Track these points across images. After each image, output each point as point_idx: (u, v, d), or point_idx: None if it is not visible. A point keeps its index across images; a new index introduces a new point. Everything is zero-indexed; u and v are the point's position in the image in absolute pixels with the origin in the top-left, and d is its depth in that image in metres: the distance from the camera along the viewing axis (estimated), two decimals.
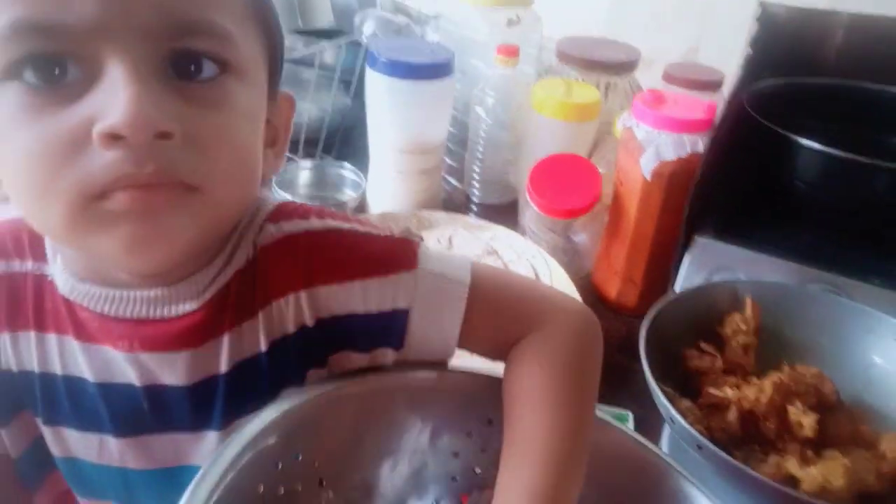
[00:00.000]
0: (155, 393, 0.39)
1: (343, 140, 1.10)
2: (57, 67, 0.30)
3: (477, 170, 1.02)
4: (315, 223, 0.41)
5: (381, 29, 1.09)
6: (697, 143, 0.71)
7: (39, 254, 0.39)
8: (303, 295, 0.40)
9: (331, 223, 0.41)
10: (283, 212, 0.42)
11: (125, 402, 0.39)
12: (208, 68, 0.33)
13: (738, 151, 0.73)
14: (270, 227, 0.41)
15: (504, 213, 1.00)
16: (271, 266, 0.40)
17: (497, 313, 0.42)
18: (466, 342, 0.42)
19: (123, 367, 0.39)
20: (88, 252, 0.36)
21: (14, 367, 0.39)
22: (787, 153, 0.68)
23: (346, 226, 0.42)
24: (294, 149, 1.04)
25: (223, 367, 0.40)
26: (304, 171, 1.00)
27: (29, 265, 0.39)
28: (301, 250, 0.40)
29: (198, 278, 0.38)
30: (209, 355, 0.39)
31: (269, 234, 0.40)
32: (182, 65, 0.32)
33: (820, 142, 0.64)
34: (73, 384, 0.39)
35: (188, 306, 0.38)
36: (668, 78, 0.94)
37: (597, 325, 0.44)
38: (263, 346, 0.40)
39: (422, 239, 0.43)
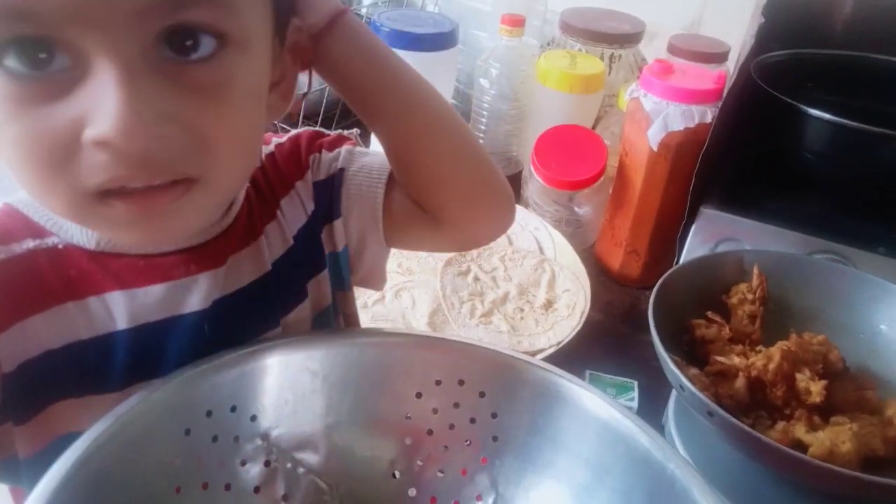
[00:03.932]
0: (221, 307, 0.39)
1: (343, 113, 1.09)
2: (42, 52, 0.28)
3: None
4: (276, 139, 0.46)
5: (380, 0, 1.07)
6: (706, 114, 0.71)
7: (37, 230, 0.36)
8: (299, 185, 0.44)
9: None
10: None
11: (187, 332, 0.38)
12: (205, 43, 0.30)
13: (745, 122, 0.73)
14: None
15: None
16: (275, 170, 0.44)
17: None
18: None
19: (181, 296, 0.38)
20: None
21: (55, 345, 0.36)
22: (796, 123, 0.67)
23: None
24: (293, 122, 1.03)
25: (268, 265, 0.42)
26: None
27: (31, 244, 0.36)
28: (286, 153, 0.45)
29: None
30: (255, 253, 0.41)
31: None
32: (176, 42, 0.29)
33: (828, 112, 0.64)
34: (132, 335, 0.37)
35: (224, 223, 0.40)
36: (673, 49, 0.94)
37: None
38: (291, 240, 0.43)
39: None
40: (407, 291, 0.76)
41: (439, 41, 0.86)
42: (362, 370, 0.40)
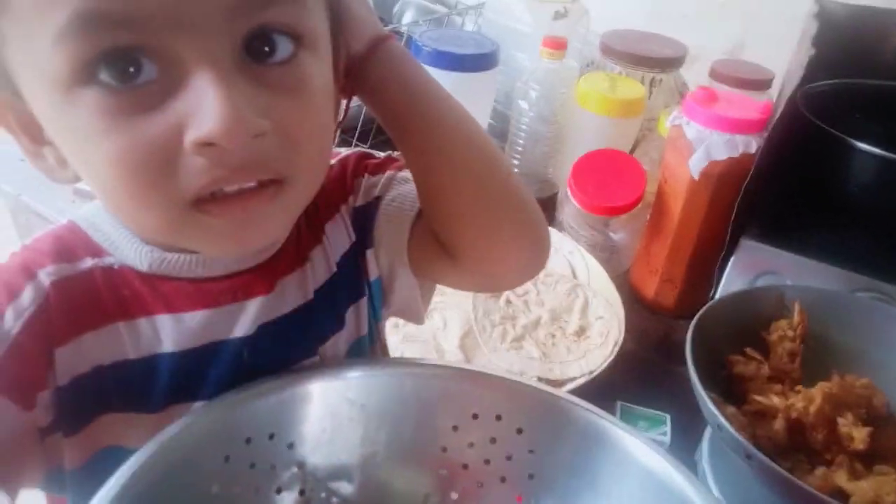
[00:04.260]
0: (263, 333, 0.39)
1: (379, 129, 1.10)
2: (131, 65, 0.29)
3: (516, 163, 1.01)
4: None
5: (421, 18, 1.08)
6: (750, 144, 0.69)
7: (95, 249, 0.37)
8: (343, 209, 0.45)
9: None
10: None
11: (228, 358, 0.38)
12: (283, 46, 0.32)
13: (790, 153, 0.71)
14: None
15: (542, 207, 0.98)
16: (321, 192, 0.42)
17: None
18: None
19: (226, 322, 0.38)
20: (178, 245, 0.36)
21: (105, 362, 0.36)
22: (842, 156, 0.66)
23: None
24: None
25: (311, 292, 0.42)
26: None
27: (90, 262, 0.37)
28: (334, 176, 0.45)
29: None
30: (301, 278, 0.42)
31: None
32: (256, 46, 0.31)
33: (876, 144, 0.63)
34: (176, 358, 0.38)
35: (274, 247, 0.40)
36: (716, 75, 0.93)
37: None
38: (334, 266, 0.43)
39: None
40: (438, 312, 0.76)
41: (480, 62, 0.87)
42: (400, 401, 0.40)
